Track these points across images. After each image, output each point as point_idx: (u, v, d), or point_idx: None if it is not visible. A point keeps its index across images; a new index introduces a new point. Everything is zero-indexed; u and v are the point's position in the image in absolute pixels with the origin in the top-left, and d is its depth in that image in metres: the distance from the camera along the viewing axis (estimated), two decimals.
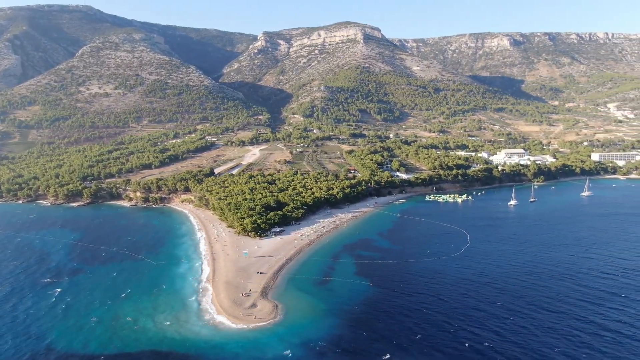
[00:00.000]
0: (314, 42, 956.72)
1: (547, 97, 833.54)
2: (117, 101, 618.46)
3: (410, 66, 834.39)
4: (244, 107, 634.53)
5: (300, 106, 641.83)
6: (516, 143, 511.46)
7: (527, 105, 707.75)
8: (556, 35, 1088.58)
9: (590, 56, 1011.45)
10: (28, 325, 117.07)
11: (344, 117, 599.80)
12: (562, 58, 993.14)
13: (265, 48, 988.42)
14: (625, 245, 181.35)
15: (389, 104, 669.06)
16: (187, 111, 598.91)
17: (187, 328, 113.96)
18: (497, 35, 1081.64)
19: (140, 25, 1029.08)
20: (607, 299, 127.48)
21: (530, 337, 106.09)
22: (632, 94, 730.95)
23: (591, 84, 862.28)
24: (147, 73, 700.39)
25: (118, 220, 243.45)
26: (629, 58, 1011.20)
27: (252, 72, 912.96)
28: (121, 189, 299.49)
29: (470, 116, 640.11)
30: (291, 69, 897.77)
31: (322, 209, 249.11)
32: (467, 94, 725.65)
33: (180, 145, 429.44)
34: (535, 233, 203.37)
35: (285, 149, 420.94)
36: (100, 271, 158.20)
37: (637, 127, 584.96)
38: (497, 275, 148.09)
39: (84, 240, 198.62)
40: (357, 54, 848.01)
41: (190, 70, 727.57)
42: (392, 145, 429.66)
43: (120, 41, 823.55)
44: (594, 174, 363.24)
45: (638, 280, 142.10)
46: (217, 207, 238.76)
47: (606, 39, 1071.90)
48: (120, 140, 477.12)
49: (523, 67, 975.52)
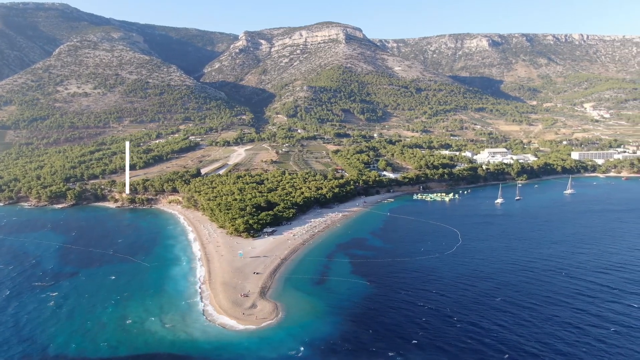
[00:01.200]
0: (296, 41, 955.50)
1: (525, 97, 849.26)
2: (97, 101, 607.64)
3: (392, 66, 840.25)
4: (227, 107, 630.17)
5: (284, 106, 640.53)
6: (497, 142, 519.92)
7: (506, 105, 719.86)
8: (533, 36, 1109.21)
9: (566, 57, 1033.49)
10: (32, 329, 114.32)
11: (327, 117, 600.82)
12: (539, 59, 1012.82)
13: (246, 48, 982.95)
14: (611, 241, 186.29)
15: (372, 104, 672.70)
16: (169, 111, 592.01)
17: (190, 329, 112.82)
18: (476, 36, 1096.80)
19: (119, 24, 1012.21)
20: (600, 292, 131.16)
21: (534, 330, 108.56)
22: (607, 94, 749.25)
23: (567, 84, 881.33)
24: (127, 72, 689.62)
25: (106, 222, 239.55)
26: (603, 59, 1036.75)
27: (234, 72, 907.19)
28: (106, 190, 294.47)
29: (451, 116, 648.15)
30: (273, 69, 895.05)
31: (313, 209, 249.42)
32: (448, 94, 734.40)
33: (164, 145, 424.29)
34: (524, 230, 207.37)
35: (270, 149, 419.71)
36: (95, 274, 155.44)
37: (613, 126, 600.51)
38: (492, 271, 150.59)
39: (74, 243, 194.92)
40: (339, 54, 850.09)
41: (171, 69, 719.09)
42: (377, 145, 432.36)
43: (98, 40, 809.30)
44: (575, 172, 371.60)
45: (627, 273, 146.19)
46: (206, 207, 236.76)
47: (581, 40, 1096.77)
48: (101, 140, 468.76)
49: (502, 68, 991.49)
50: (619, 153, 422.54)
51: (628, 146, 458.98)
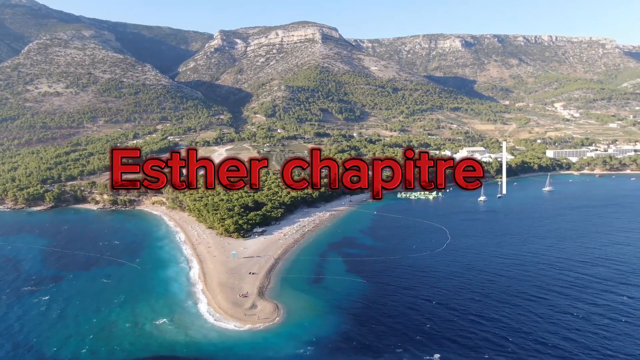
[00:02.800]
0: (272, 41, 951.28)
1: (498, 96, 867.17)
2: (70, 100, 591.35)
3: (369, 66, 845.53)
4: (204, 107, 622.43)
5: (262, 106, 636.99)
6: (474, 141, 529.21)
7: (481, 105, 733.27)
8: (504, 37, 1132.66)
9: (536, 58, 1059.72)
10: (26, 335, 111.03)
11: (306, 117, 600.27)
12: (510, 59, 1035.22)
13: (221, 47, 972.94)
14: (593, 236, 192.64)
15: (350, 104, 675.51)
16: (145, 111, 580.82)
17: (194, 331, 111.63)
18: (449, 36, 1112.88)
19: (89, 22, 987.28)
20: (590, 283, 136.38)
21: (535, 320, 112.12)
22: (576, 94, 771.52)
23: (538, 84, 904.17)
24: (101, 71, 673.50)
25: (89, 225, 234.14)
26: (571, 60, 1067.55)
27: (209, 71, 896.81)
28: (86, 191, 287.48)
29: (428, 115, 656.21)
30: (249, 68, 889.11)
31: (300, 208, 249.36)
32: (424, 93, 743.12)
33: (142, 145, 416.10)
34: (509, 226, 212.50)
35: (252, 148, 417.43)
36: (84, 277, 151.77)
37: (583, 125, 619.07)
38: (484, 266, 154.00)
39: (58, 246, 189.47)
40: (316, 53, 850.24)
41: (146, 68, 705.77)
42: (358, 144, 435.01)
43: (69, 38, 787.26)
44: (550, 170, 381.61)
45: (612, 266, 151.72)
46: (193, 208, 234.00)
47: (550, 41, 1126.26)
48: (76, 141, 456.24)
49: (475, 68, 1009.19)
50: (591, 151, 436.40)
51: (599, 144, 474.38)
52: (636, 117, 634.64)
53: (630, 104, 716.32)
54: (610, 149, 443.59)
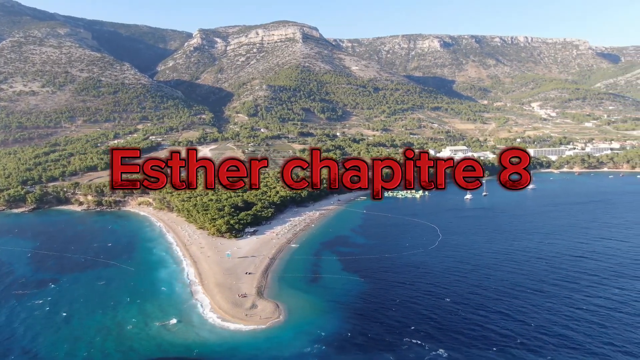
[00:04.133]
0: (252, 40, 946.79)
1: (476, 96, 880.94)
2: (46, 100, 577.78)
3: (349, 66, 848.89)
4: (185, 107, 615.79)
5: (244, 105, 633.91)
6: (455, 140, 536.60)
7: (460, 105, 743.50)
8: (482, 38, 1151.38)
9: (512, 58, 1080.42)
10: (31, 340, 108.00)
11: (288, 116, 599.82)
12: (487, 60, 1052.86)
13: (201, 46, 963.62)
14: (579, 231, 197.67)
15: (332, 103, 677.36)
16: (125, 110, 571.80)
17: (196, 333, 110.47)
18: (428, 36, 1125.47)
19: (64, 19, 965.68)
20: (581, 278, 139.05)
21: (534, 314, 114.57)
22: (552, 94, 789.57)
23: (515, 84, 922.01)
24: (78, 70, 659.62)
25: (75, 226, 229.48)
26: (546, 61, 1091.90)
27: (189, 71, 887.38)
28: (69, 192, 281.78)
29: (409, 115, 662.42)
30: (229, 68, 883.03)
31: (289, 208, 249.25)
32: (405, 93, 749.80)
33: (124, 146, 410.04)
34: (497, 224, 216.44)
35: (236, 148, 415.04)
36: (77, 280, 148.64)
37: (560, 124, 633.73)
38: (478, 263, 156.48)
39: (45, 248, 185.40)
40: (297, 53, 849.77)
41: (125, 67, 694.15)
42: (343, 144, 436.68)
43: (43, 36, 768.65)
44: (531, 169, 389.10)
45: (601, 260, 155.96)
46: (181, 208, 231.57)
47: (526, 42, 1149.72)
48: (54, 141, 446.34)
49: (453, 68, 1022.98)
50: (570, 150, 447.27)
51: (576, 143, 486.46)
52: (610, 116, 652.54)
53: (604, 104, 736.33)
54: (588, 148, 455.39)
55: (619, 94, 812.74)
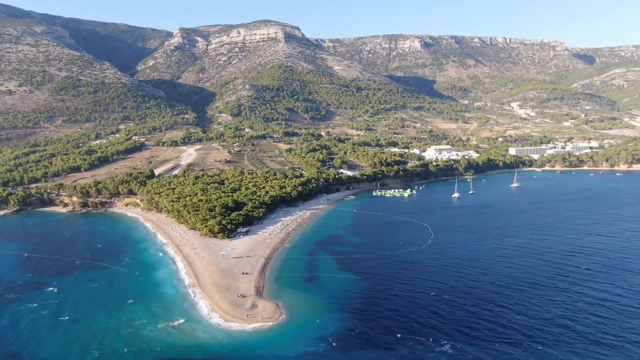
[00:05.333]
0: (234, 39, 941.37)
1: (457, 96, 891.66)
2: (24, 99, 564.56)
3: (332, 66, 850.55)
4: (167, 106, 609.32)
5: (227, 105, 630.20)
6: (439, 140, 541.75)
7: (442, 104, 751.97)
8: (461, 38, 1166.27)
9: (491, 59, 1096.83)
10: (25, 344, 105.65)
11: (272, 116, 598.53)
12: (467, 60, 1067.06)
13: (182, 45, 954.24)
14: (566, 228, 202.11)
15: (315, 103, 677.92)
16: (106, 110, 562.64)
17: (199, 334, 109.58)
18: (409, 37, 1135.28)
19: (40, 17, 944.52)
20: (572, 273, 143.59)
21: (533, 308, 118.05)
22: (531, 94, 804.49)
23: (495, 84, 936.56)
24: (56, 69, 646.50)
25: (61, 228, 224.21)
26: (525, 61, 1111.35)
27: (170, 70, 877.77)
28: (53, 194, 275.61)
29: (392, 115, 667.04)
30: (211, 67, 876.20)
31: (280, 208, 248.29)
32: (387, 93, 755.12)
33: (107, 146, 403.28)
34: (487, 222, 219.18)
35: (221, 148, 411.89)
36: (70, 282, 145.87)
37: (539, 123, 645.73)
38: (473, 260, 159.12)
39: (33, 251, 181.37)
40: (279, 52, 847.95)
41: (105, 66, 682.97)
42: (329, 143, 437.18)
43: (19, 34, 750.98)
44: (514, 167, 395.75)
45: (589, 255, 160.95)
46: (171, 209, 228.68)
47: (504, 43, 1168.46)
48: (34, 141, 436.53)
49: (434, 68, 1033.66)
50: (551, 149, 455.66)
51: (557, 142, 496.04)
52: (587, 116, 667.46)
53: (581, 104, 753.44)
54: (568, 147, 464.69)
55: (595, 94, 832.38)
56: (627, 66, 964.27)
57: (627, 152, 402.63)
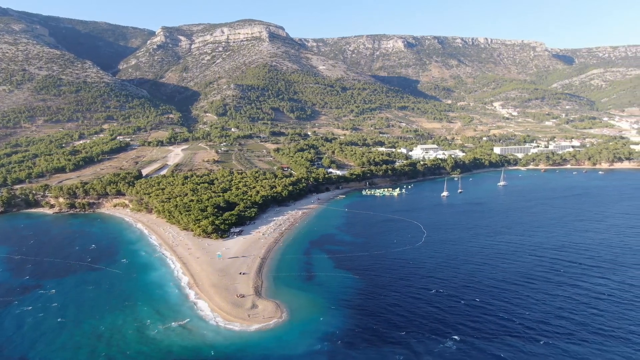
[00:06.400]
0: (218, 39, 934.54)
1: (440, 96, 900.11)
2: (3, 99, 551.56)
3: (317, 65, 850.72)
4: (152, 106, 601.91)
5: (212, 104, 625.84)
6: (424, 139, 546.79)
7: (426, 104, 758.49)
8: (444, 39, 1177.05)
9: (473, 59, 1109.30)
10: (28, 348, 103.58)
11: (258, 116, 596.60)
12: (450, 60, 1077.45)
13: (165, 44, 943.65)
14: (555, 224, 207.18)
15: (301, 102, 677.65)
16: (89, 110, 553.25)
17: (202, 334, 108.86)
18: (392, 37, 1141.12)
19: (18, 15, 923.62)
20: (565, 268, 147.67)
21: (531, 302, 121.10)
22: (512, 94, 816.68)
23: (477, 84, 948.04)
24: (36, 68, 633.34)
25: (49, 230, 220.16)
26: (506, 61, 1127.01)
27: (153, 69, 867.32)
28: (39, 195, 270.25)
29: (377, 114, 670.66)
30: (195, 66, 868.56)
31: (271, 207, 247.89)
32: (372, 92, 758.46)
33: (92, 146, 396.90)
34: (478, 219, 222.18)
35: (208, 148, 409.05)
36: (65, 285, 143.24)
37: (522, 123, 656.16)
38: (467, 256, 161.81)
39: (24, 253, 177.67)
40: (264, 52, 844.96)
41: (86, 65, 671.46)
42: (316, 143, 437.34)
43: None
44: (500, 166, 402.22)
45: (580, 251, 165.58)
46: (162, 210, 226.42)
47: (486, 43, 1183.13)
48: (15, 142, 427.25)
49: (417, 68, 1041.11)
50: (534, 147, 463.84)
51: (540, 141, 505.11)
52: (568, 115, 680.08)
53: (561, 104, 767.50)
54: (551, 146, 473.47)
55: (575, 94, 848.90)
56: (604, 66, 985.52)
57: (608, 151, 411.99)
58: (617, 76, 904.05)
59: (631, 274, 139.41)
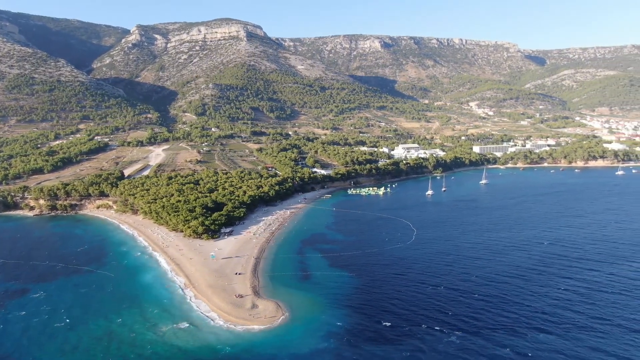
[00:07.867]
0: (194, 37, 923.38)
1: (418, 96, 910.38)
2: None
3: (295, 65, 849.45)
4: (129, 105, 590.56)
5: (190, 104, 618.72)
6: (404, 138, 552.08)
7: (404, 104, 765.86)
8: (420, 39, 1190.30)
9: (449, 59, 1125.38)
10: (41, 353, 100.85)
11: (238, 115, 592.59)
12: (426, 60, 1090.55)
13: (140, 42, 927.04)
14: (540, 221, 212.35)
15: (280, 102, 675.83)
16: (64, 109, 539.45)
17: (204, 336, 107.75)
18: (369, 37, 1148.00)
19: None
20: (555, 262, 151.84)
21: (528, 296, 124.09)
22: (488, 94, 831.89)
23: (453, 84, 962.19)
24: (7, 66, 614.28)
25: (31, 232, 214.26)
26: (480, 62, 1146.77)
27: (128, 68, 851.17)
28: (18, 197, 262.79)
29: (357, 114, 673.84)
30: (171, 65, 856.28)
31: (259, 207, 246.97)
32: (351, 92, 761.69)
33: (69, 146, 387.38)
34: (464, 217, 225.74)
35: (190, 148, 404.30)
36: (55, 288, 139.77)
37: (498, 122, 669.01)
38: (460, 253, 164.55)
39: (8, 257, 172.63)
40: (241, 51, 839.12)
41: (60, 64, 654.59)
42: (298, 143, 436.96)
43: None
44: (479, 165, 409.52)
45: (567, 246, 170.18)
46: (148, 210, 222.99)
47: (461, 44, 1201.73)
48: None
49: (394, 68, 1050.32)
50: (512, 147, 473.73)
51: (516, 140, 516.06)
52: (542, 115, 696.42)
53: (535, 103, 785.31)
54: (527, 145, 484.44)
55: (547, 94, 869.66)
56: (575, 67, 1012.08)
57: (583, 149, 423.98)
58: (587, 77, 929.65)
59: (618, 266, 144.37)
